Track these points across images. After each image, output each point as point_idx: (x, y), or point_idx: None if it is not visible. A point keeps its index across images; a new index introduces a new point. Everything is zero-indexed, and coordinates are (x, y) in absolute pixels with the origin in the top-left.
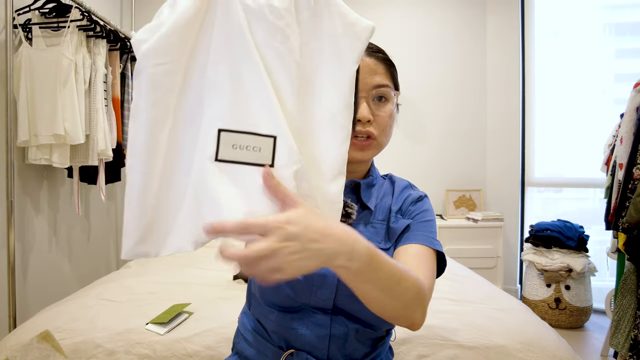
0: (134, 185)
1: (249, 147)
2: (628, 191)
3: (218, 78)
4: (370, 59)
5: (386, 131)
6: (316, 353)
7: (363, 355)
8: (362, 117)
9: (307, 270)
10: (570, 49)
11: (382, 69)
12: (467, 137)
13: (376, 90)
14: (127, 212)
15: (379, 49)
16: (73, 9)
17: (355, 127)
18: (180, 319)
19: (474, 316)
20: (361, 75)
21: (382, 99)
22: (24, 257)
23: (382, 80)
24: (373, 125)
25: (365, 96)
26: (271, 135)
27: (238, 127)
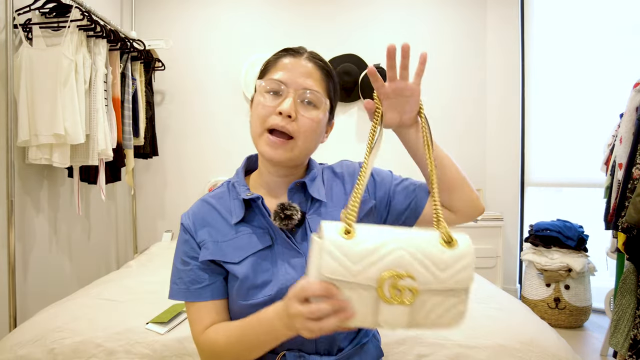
0: None
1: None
2: (627, 191)
3: None
4: (309, 63)
5: (307, 135)
6: (305, 348)
7: (350, 341)
8: (282, 109)
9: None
10: (570, 49)
11: (318, 75)
12: (467, 137)
13: (305, 91)
14: None
15: (322, 59)
16: (73, 8)
17: (274, 119)
18: (180, 319)
19: (474, 316)
20: (295, 74)
21: (310, 103)
22: (24, 257)
23: (314, 84)
24: (293, 124)
25: (293, 93)
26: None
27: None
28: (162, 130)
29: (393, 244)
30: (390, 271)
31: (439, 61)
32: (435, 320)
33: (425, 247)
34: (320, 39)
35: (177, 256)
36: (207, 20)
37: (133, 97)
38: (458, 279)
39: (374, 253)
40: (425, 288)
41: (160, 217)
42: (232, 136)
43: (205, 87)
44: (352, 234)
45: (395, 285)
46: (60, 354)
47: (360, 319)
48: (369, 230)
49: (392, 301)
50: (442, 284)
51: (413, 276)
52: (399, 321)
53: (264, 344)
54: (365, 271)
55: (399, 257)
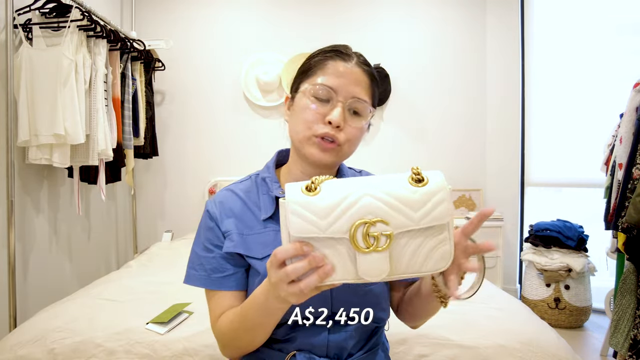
0: None
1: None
2: (627, 191)
3: None
4: (359, 69)
5: (352, 142)
6: (315, 351)
7: (361, 347)
8: (332, 119)
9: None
10: (570, 49)
11: (367, 83)
12: (467, 137)
13: (354, 100)
14: None
15: (368, 62)
16: (73, 9)
17: (323, 127)
18: (180, 319)
19: (474, 316)
20: (344, 82)
21: (357, 112)
22: (24, 257)
23: (362, 93)
24: (341, 132)
25: (342, 102)
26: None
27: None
28: (162, 130)
29: (359, 192)
30: (361, 220)
31: (439, 61)
32: (422, 266)
33: (394, 190)
34: (320, 38)
35: (198, 242)
36: (207, 20)
37: (133, 97)
38: (434, 215)
39: (341, 204)
40: (401, 231)
41: (160, 217)
42: (233, 136)
43: (205, 87)
44: (316, 190)
45: (368, 233)
46: (60, 354)
47: (342, 274)
48: (334, 183)
49: (367, 250)
50: (418, 224)
51: (385, 221)
52: (379, 270)
53: (262, 323)
54: (334, 224)
55: (367, 203)
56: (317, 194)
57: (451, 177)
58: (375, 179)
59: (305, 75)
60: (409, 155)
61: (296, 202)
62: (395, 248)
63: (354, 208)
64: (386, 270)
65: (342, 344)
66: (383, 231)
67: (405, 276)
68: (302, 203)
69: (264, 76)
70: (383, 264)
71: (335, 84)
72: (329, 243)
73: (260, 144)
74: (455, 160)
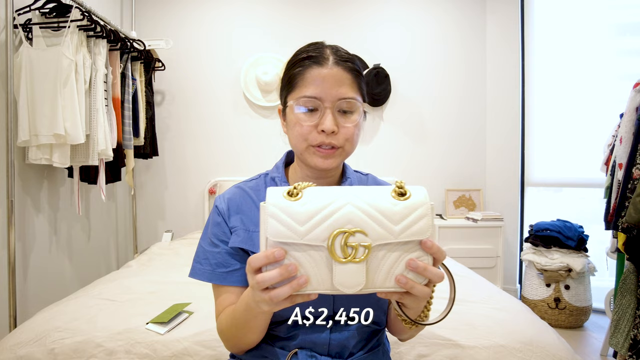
0: None
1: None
2: (628, 191)
3: None
4: (338, 69)
5: (351, 140)
6: (317, 349)
7: (362, 347)
8: (326, 128)
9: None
10: (570, 49)
11: (349, 79)
12: (467, 137)
13: (341, 102)
14: None
15: (348, 57)
16: (73, 9)
17: (318, 137)
18: (180, 319)
19: (474, 316)
20: (326, 87)
21: (348, 111)
22: (24, 257)
23: (348, 92)
24: (337, 136)
25: (330, 107)
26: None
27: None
28: (162, 130)
29: (341, 200)
30: (340, 229)
31: (439, 61)
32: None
33: (376, 201)
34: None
35: (205, 237)
36: (207, 20)
37: (133, 97)
38: (414, 230)
39: (321, 211)
40: (380, 243)
41: (160, 217)
42: (232, 136)
43: (205, 87)
44: (298, 195)
45: (346, 242)
46: (60, 354)
47: (317, 283)
48: (317, 190)
49: (344, 260)
50: (397, 237)
51: (364, 232)
52: (355, 282)
53: (249, 324)
54: (313, 231)
55: (348, 212)
56: (299, 200)
57: (451, 177)
58: (358, 189)
59: (288, 89)
60: (409, 155)
61: (276, 206)
62: (372, 260)
63: (334, 216)
64: (362, 283)
65: (344, 342)
66: (361, 242)
67: (381, 290)
68: (282, 207)
69: (264, 76)
70: (359, 276)
71: (317, 92)
72: (306, 250)
73: (260, 143)
74: (455, 160)
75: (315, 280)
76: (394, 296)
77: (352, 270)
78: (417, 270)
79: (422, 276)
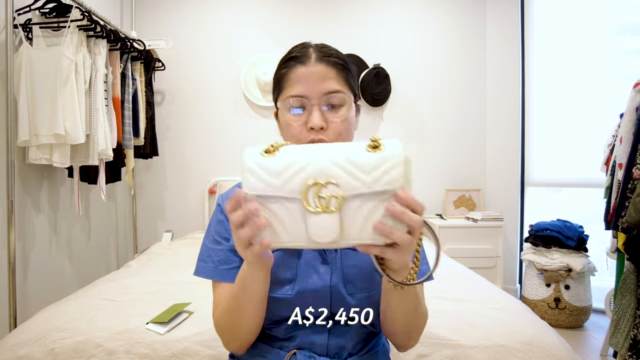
0: None
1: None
2: (628, 191)
3: None
4: (321, 65)
5: (343, 135)
6: (316, 350)
7: (361, 348)
8: (314, 125)
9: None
10: (570, 49)
11: (333, 73)
12: (467, 137)
13: (327, 96)
14: None
15: (332, 52)
16: (73, 9)
17: (308, 135)
18: (180, 319)
19: (474, 316)
20: (310, 84)
21: (336, 105)
22: (24, 257)
23: (332, 85)
24: (327, 132)
25: (316, 103)
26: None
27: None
28: (162, 130)
29: (314, 155)
30: (313, 180)
31: (439, 61)
32: (375, 233)
33: (349, 153)
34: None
35: (208, 235)
36: (207, 20)
37: (133, 97)
38: (387, 179)
39: (294, 165)
40: (352, 193)
41: (160, 217)
42: (232, 136)
43: (205, 87)
44: (274, 153)
45: (319, 194)
46: (60, 354)
47: (293, 235)
48: (292, 147)
49: (316, 210)
50: (370, 187)
51: (336, 182)
52: (329, 231)
53: (244, 298)
54: (287, 184)
55: (320, 166)
56: (275, 156)
57: (451, 177)
58: (333, 145)
59: (277, 91)
60: (409, 156)
61: (253, 161)
62: (346, 212)
63: (307, 169)
64: (336, 232)
65: (343, 344)
66: (333, 192)
67: (358, 242)
68: (258, 163)
69: (264, 76)
70: (333, 226)
71: (302, 90)
72: (283, 203)
73: (260, 143)
74: (455, 160)
75: (292, 231)
76: (373, 250)
77: (325, 220)
78: (395, 215)
79: (400, 224)
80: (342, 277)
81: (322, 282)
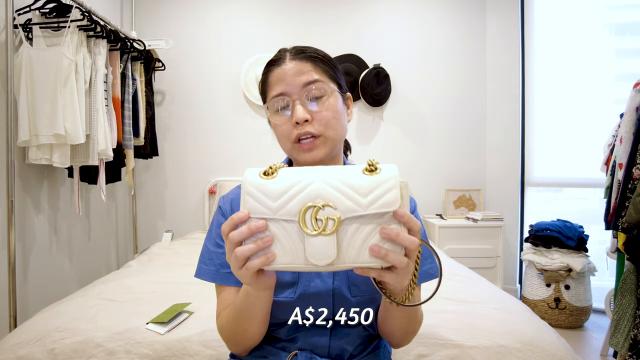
0: None
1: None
2: (628, 191)
3: None
4: (295, 61)
5: (331, 125)
6: (317, 351)
7: (361, 350)
8: (297, 119)
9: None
10: (570, 49)
11: (309, 66)
12: (467, 137)
13: (306, 88)
14: None
15: (305, 49)
16: (73, 9)
17: (295, 131)
18: (180, 319)
19: (474, 316)
20: (287, 81)
21: (317, 96)
22: (24, 257)
23: (309, 77)
24: (313, 124)
25: (297, 98)
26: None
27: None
28: (162, 130)
29: (312, 177)
30: (310, 203)
31: (440, 61)
32: (371, 256)
33: (345, 176)
34: (319, 39)
35: (209, 237)
36: (207, 20)
37: (133, 97)
38: (383, 202)
39: (292, 187)
40: (349, 216)
41: (160, 217)
42: (232, 136)
43: (205, 87)
44: (273, 175)
45: (316, 216)
46: (60, 354)
47: (291, 258)
48: (290, 169)
49: (313, 233)
50: (366, 210)
51: (333, 205)
52: (326, 254)
53: (247, 311)
54: (285, 206)
55: (317, 188)
56: (273, 178)
57: (451, 177)
58: (331, 168)
59: (263, 97)
60: (409, 156)
61: (252, 184)
62: (343, 234)
63: (305, 192)
64: (333, 254)
65: (344, 345)
66: (330, 215)
67: (355, 265)
68: (257, 185)
69: None
70: (330, 248)
71: (281, 89)
72: (281, 225)
73: (260, 143)
74: (456, 160)
75: (290, 253)
76: (371, 273)
77: (323, 242)
78: (390, 237)
79: (398, 245)
80: (347, 280)
81: (325, 285)
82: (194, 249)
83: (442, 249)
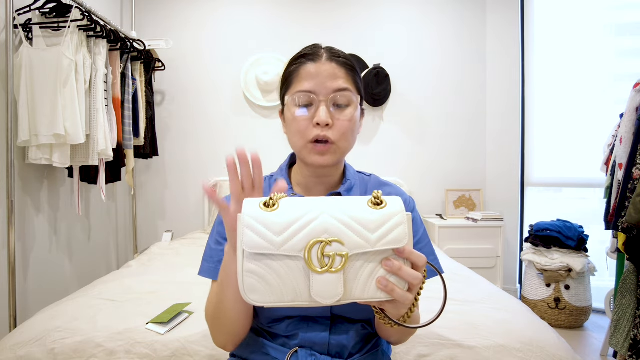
0: None
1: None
2: (628, 191)
3: None
4: (332, 64)
5: (347, 136)
6: (317, 349)
7: (361, 348)
8: (320, 120)
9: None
10: (570, 49)
11: (343, 73)
12: (467, 137)
13: (335, 94)
14: None
15: (341, 54)
16: (73, 9)
17: (314, 131)
18: (180, 319)
19: (474, 316)
20: (319, 81)
21: (342, 104)
22: (24, 257)
23: (342, 84)
24: (332, 130)
25: (324, 100)
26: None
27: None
28: (162, 130)
29: (317, 210)
30: (316, 238)
31: (439, 61)
32: (377, 291)
33: (352, 210)
34: (320, 38)
35: (212, 235)
36: (207, 20)
37: (133, 97)
38: (390, 238)
39: (298, 221)
40: (357, 252)
41: (160, 217)
42: (233, 136)
43: (205, 87)
44: (274, 206)
45: (323, 252)
46: (60, 354)
47: (295, 294)
48: (293, 200)
49: (321, 270)
50: (374, 246)
51: (341, 241)
52: (333, 293)
53: (229, 286)
54: (290, 241)
55: (324, 222)
56: (275, 210)
57: (451, 177)
58: (335, 199)
59: (285, 88)
60: (409, 156)
61: (252, 217)
62: (350, 270)
63: (311, 226)
64: (340, 294)
65: (344, 343)
66: (338, 251)
67: (360, 301)
68: (258, 218)
69: (264, 76)
70: (337, 287)
71: (311, 86)
72: (284, 261)
73: (260, 144)
74: (456, 160)
75: (293, 291)
76: (373, 302)
77: (330, 280)
78: (393, 270)
79: (402, 280)
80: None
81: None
82: (194, 249)
83: (442, 249)
